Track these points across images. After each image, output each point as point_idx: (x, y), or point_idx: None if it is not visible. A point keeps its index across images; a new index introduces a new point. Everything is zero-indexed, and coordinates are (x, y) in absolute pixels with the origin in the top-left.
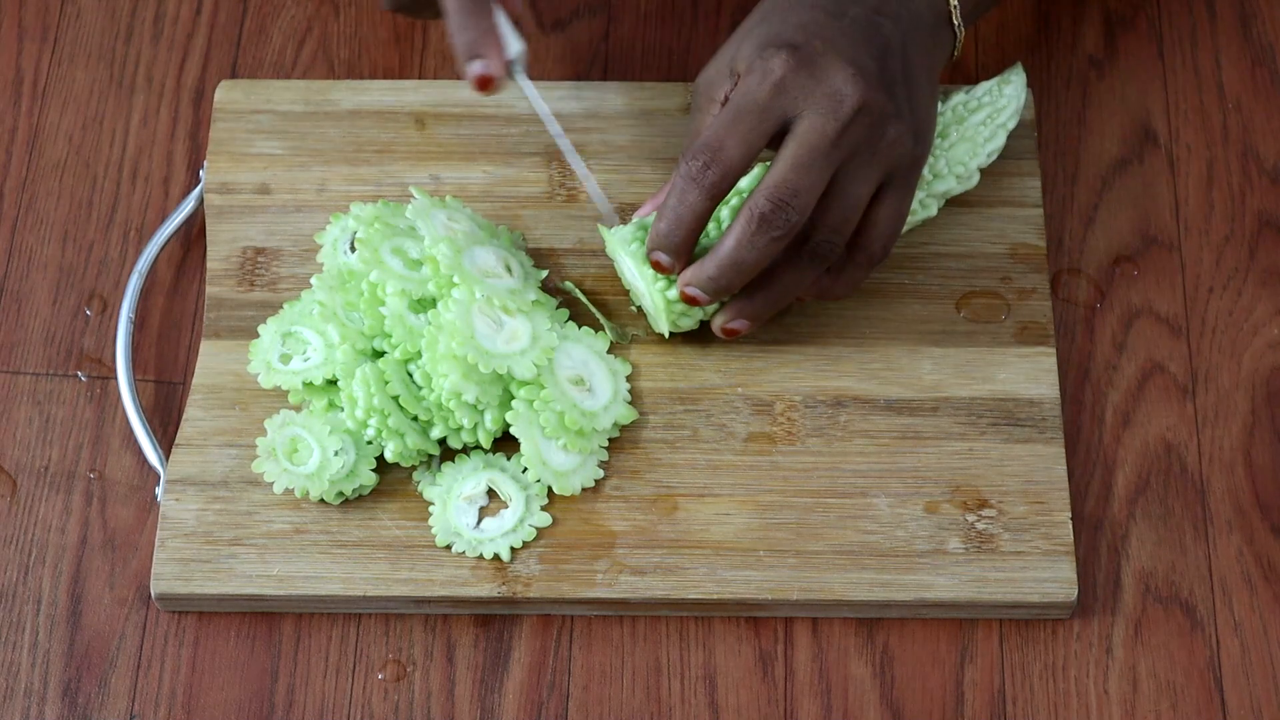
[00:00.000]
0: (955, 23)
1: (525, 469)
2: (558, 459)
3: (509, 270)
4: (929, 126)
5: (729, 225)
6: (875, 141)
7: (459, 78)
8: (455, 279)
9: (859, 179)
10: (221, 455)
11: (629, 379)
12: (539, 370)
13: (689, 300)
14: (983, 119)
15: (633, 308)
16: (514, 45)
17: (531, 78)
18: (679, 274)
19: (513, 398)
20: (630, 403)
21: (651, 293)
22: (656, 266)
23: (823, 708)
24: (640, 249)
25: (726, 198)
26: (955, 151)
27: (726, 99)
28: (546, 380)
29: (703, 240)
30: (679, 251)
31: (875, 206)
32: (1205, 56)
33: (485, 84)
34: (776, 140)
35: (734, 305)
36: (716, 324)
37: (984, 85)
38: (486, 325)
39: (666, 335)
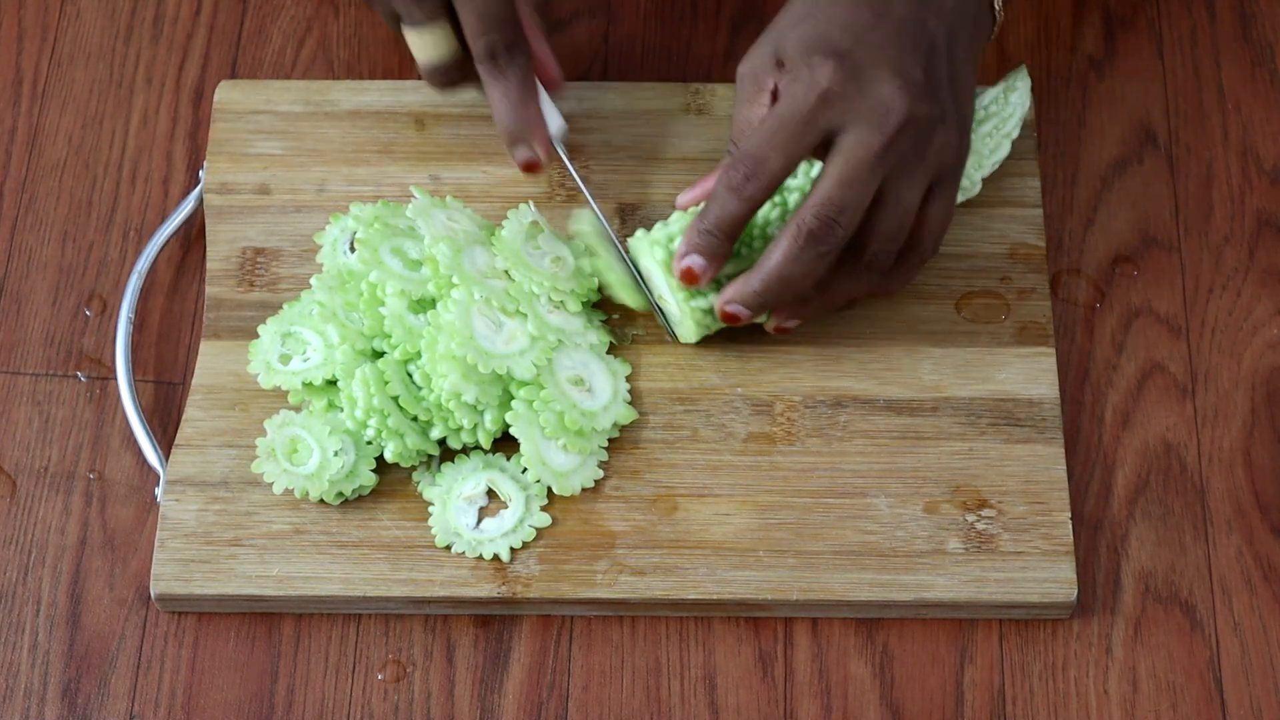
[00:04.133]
0: (996, 7)
1: (525, 469)
2: (557, 459)
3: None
4: (971, 117)
5: (775, 240)
6: (923, 149)
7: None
8: (454, 279)
9: (909, 186)
10: (221, 456)
11: (629, 379)
12: (538, 370)
13: (729, 318)
14: (990, 129)
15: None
16: (555, 123)
17: None
18: (706, 282)
19: (512, 398)
20: (630, 403)
21: (679, 301)
22: (687, 273)
23: (822, 708)
24: (667, 256)
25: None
26: None
27: (776, 89)
28: (546, 380)
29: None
30: (714, 258)
31: (926, 206)
32: (1205, 57)
33: (531, 168)
34: (820, 149)
35: (788, 309)
36: (770, 325)
37: (990, 93)
38: (485, 326)
39: (695, 340)
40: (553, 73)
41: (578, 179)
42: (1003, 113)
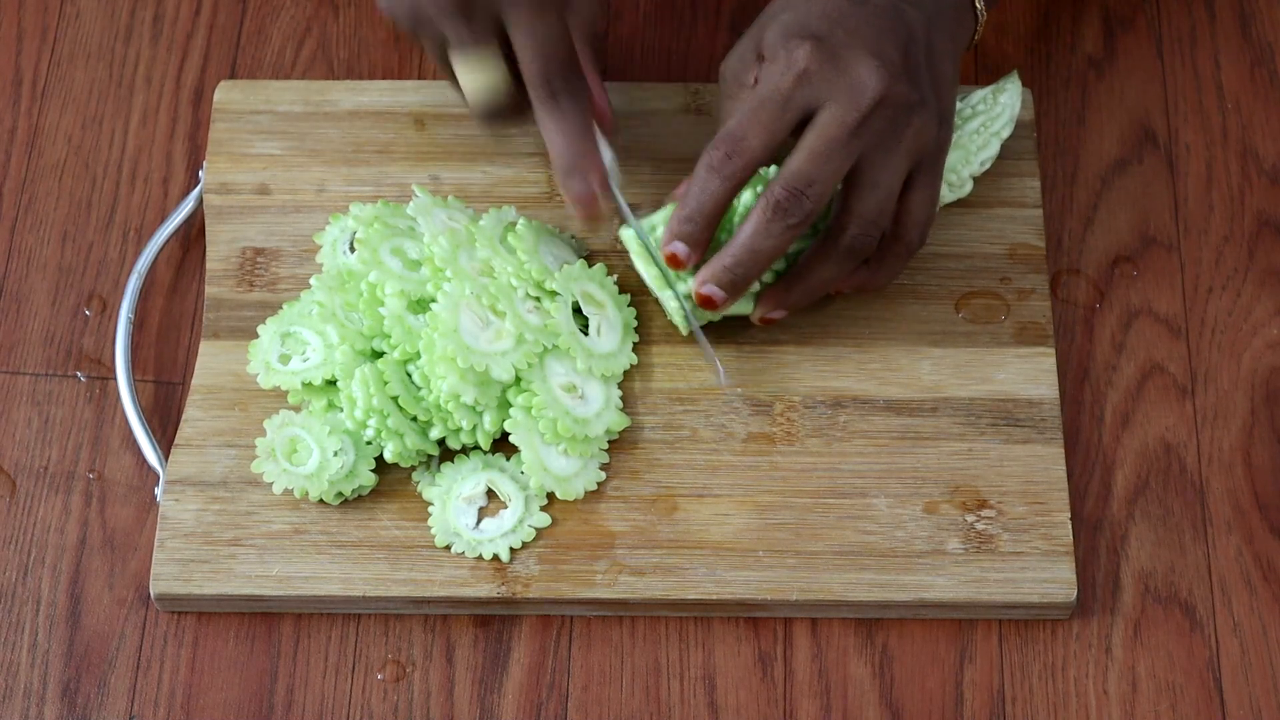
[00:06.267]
0: (978, 7)
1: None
2: (558, 464)
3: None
4: (952, 110)
5: (746, 217)
6: (900, 132)
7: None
8: (449, 273)
9: (888, 170)
10: (221, 455)
11: (625, 381)
12: (518, 373)
13: (704, 302)
14: (977, 127)
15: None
16: (607, 155)
17: None
18: (692, 268)
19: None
20: (622, 409)
21: (662, 296)
22: (672, 259)
23: (822, 708)
24: (645, 247)
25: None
26: (948, 159)
27: (756, 83)
28: (539, 387)
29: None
30: (697, 240)
31: (907, 195)
32: (1204, 56)
33: (586, 204)
34: (799, 130)
35: (772, 297)
36: (755, 315)
37: (979, 93)
38: (473, 322)
39: (685, 332)
40: (605, 109)
41: (630, 216)
42: (991, 111)
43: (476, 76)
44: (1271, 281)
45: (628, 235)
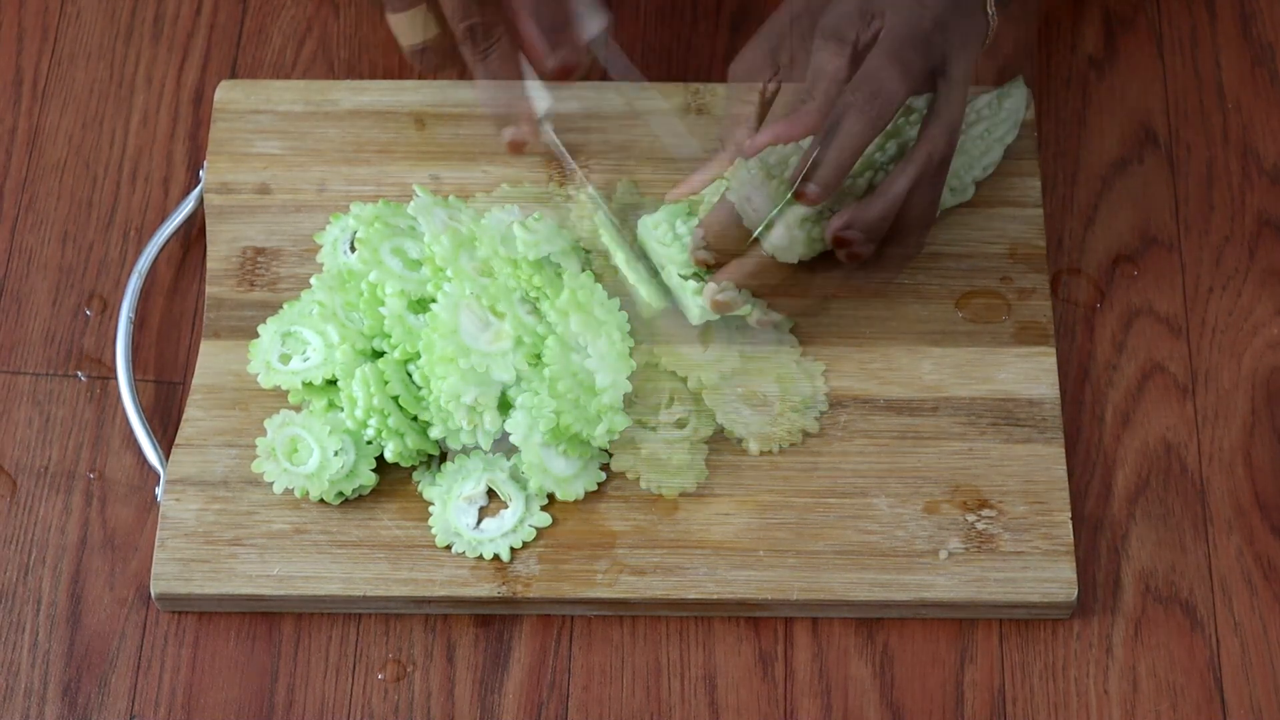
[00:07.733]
0: (989, 11)
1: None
2: (559, 465)
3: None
4: (961, 118)
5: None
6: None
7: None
8: (449, 273)
9: (897, 176)
10: (221, 455)
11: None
12: (518, 373)
13: (721, 307)
14: (980, 133)
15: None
16: (542, 103)
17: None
18: (702, 269)
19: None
20: (622, 409)
21: (674, 278)
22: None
23: (823, 708)
24: (673, 238)
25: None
26: (951, 165)
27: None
28: (539, 386)
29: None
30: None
31: (909, 201)
32: (1205, 57)
33: (516, 148)
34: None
35: (770, 303)
36: (754, 317)
37: (984, 98)
38: (472, 322)
39: (695, 322)
40: (541, 54)
41: (568, 159)
42: (995, 117)
43: (408, 31)
44: (1271, 281)
45: (641, 224)
